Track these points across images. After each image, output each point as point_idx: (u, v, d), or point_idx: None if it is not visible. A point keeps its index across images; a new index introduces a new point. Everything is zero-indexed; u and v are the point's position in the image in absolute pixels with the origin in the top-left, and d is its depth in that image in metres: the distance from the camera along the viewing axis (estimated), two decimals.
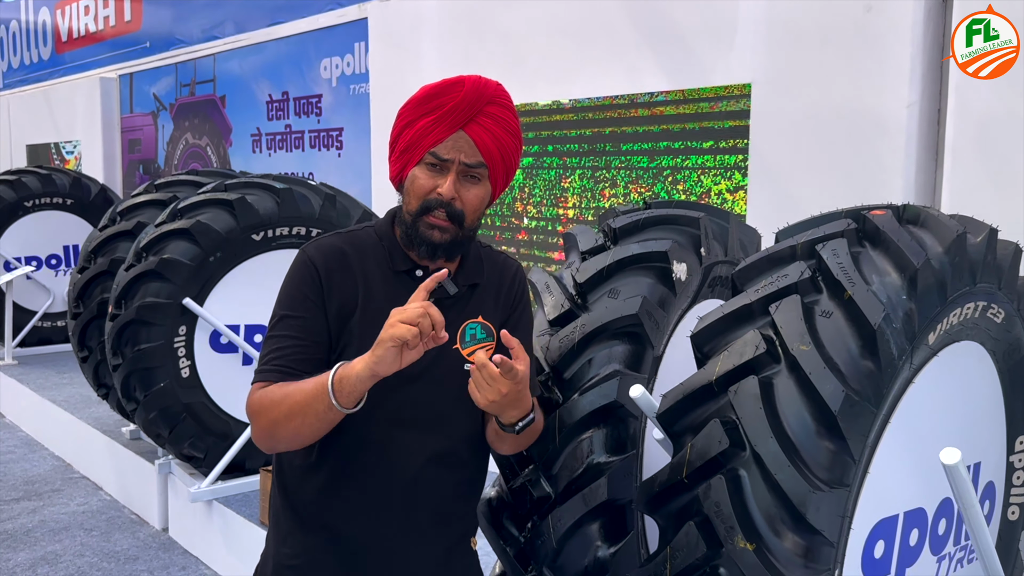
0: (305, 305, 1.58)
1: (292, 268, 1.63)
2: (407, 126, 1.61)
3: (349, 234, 1.68)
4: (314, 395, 1.48)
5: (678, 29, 3.17)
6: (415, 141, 1.58)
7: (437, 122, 1.57)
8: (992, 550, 1.61)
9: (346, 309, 1.58)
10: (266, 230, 3.86)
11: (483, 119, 1.60)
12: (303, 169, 5.95)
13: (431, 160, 1.58)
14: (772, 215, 2.76)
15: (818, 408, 1.48)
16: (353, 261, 1.61)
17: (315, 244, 1.64)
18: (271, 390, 1.54)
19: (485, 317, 1.64)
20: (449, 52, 4.30)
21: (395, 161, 1.64)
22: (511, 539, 1.87)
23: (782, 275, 1.64)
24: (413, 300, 1.45)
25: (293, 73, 5.95)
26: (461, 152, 1.58)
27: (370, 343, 1.54)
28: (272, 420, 1.53)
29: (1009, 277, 1.88)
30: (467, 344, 1.60)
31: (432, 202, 1.58)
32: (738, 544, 1.46)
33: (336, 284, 1.58)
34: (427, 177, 1.58)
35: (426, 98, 1.60)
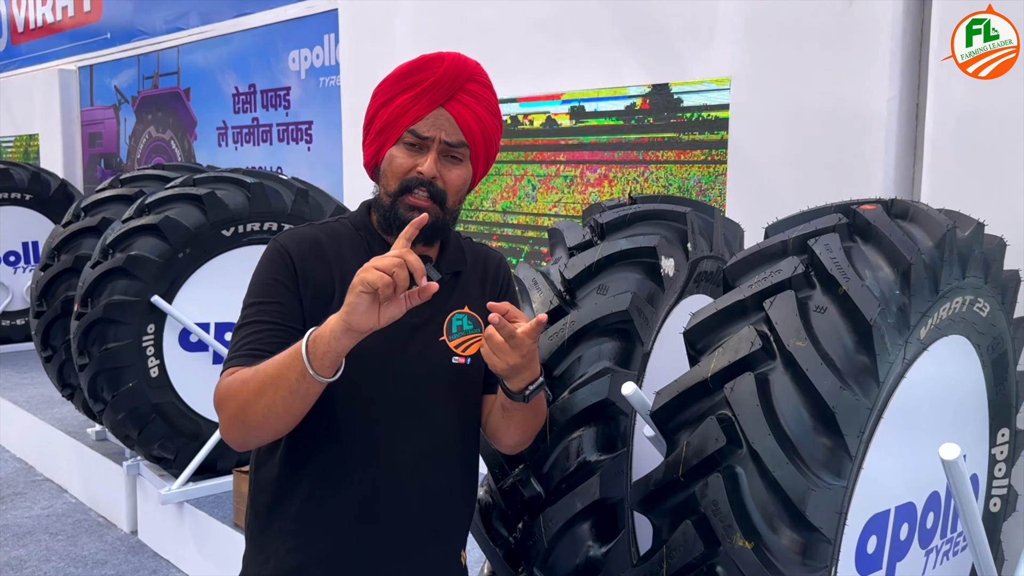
0: (279, 291, 1.50)
1: (263, 257, 1.56)
2: (383, 104, 1.54)
3: (323, 224, 1.62)
4: (287, 363, 1.35)
5: (657, 24, 3.15)
6: (392, 119, 1.52)
7: (416, 98, 1.51)
8: (986, 544, 1.62)
9: (322, 296, 1.51)
10: (236, 225, 3.78)
11: (463, 96, 1.54)
12: (271, 163, 5.86)
13: (410, 139, 1.52)
14: (752, 210, 2.76)
15: (815, 404, 1.46)
16: (328, 249, 1.55)
17: (287, 234, 1.57)
18: (240, 372, 1.43)
19: (471, 308, 1.61)
20: (423, 45, 4.25)
21: (370, 143, 1.57)
22: (501, 540, 1.85)
23: (775, 270, 1.63)
24: (393, 249, 1.32)
25: (260, 65, 5.85)
26: (442, 130, 1.52)
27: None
28: (241, 403, 1.39)
29: (994, 271, 1.89)
30: (454, 336, 1.57)
31: (412, 181, 1.51)
32: (736, 543, 1.44)
33: (311, 271, 1.52)
34: (406, 156, 1.52)
35: (404, 74, 1.54)
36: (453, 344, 1.58)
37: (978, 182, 2.37)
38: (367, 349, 1.47)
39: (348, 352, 1.37)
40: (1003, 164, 2.31)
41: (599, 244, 1.94)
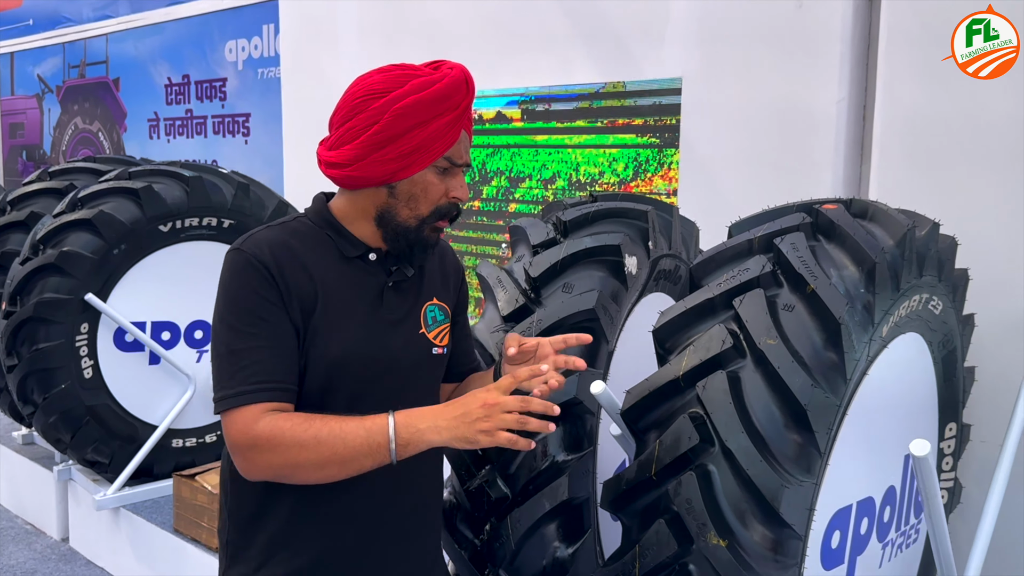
0: (266, 309, 1.42)
1: (234, 271, 1.45)
2: (417, 127, 1.45)
3: (281, 226, 1.54)
4: (364, 449, 1.36)
5: (609, 22, 3.15)
6: (428, 144, 1.46)
7: (453, 123, 1.48)
8: (947, 538, 1.66)
9: (306, 305, 1.46)
10: (174, 221, 3.65)
11: (468, 114, 1.54)
12: (206, 156, 5.69)
13: (445, 164, 1.50)
14: (704, 208, 2.78)
15: (787, 402, 1.48)
16: (299, 252, 1.49)
17: (252, 241, 1.47)
18: (289, 427, 1.37)
19: (438, 299, 1.64)
20: (367, 38, 4.18)
21: (388, 162, 1.47)
22: (466, 542, 1.82)
23: (743, 269, 1.64)
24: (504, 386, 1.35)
25: (195, 55, 5.67)
26: (468, 154, 1.54)
27: (336, 338, 1.48)
28: (293, 463, 1.37)
29: (947, 270, 1.94)
30: (431, 327, 1.61)
31: (450, 208, 1.53)
32: (710, 541, 1.44)
33: (291, 280, 1.45)
34: (440, 182, 1.50)
35: (441, 97, 1.46)
36: (431, 335, 1.61)
37: (924, 182, 2.43)
38: (357, 352, 1.49)
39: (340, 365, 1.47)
40: (948, 165, 2.38)
41: (563, 242, 1.92)
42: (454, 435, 1.32)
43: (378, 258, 1.55)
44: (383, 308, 1.54)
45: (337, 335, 1.47)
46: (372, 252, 1.54)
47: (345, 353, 1.48)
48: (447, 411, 1.34)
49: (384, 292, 1.54)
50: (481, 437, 1.31)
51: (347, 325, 1.49)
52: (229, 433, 1.41)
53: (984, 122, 2.30)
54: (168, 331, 3.80)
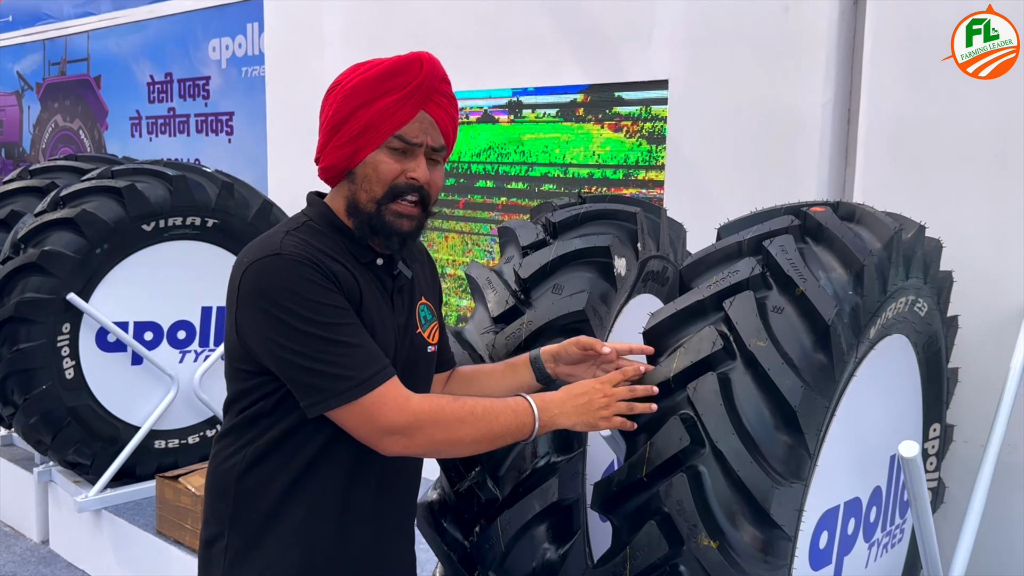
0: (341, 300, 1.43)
1: (287, 274, 1.40)
2: (362, 106, 1.47)
3: (298, 231, 1.50)
4: (513, 430, 1.49)
5: (596, 24, 3.16)
6: (375, 123, 1.46)
7: (402, 102, 1.47)
8: (934, 538, 1.67)
9: (354, 303, 1.48)
10: (158, 220, 3.62)
11: (439, 98, 1.52)
12: (188, 155, 5.65)
13: (397, 144, 1.48)
14: (690, 209, 2.79)
15: (777, 403, 1.48)
16: (325, 255, 1.47)
17: (289, 245, 1.43)
18: (446, 403, 1.46)
19: (426, 298, 1.67)
20: (354, 37, 4.16)
21: (340, 146, 1.49)
22: (455, 544, 1.81)
23: (733, 271, 1.65)
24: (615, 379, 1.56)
25: (178, 53, 5.63)
26: (428, 135, 1.50)
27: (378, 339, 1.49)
28: (455, 438, 1.46)
29: (932, 272, 1.96)
30: (425, 327, 1.67)
31: (404, 187, 1.48)
32: (701, 542, 1.45)
33: (340, 278, 1.46)
34: (392, 161, 1.48)
35: (386, 75, 1.47)
36: (426, 334, 1.65)
37: (908, 185, 2.45)
38: (387, 351, 1.52)
39: None
40: (932, 167, 2.40)
41: (553, 243, 1.93)
42: (580, 419, 1.51)
43: (385, 263, 1.56)
44: (395, 311, 1.57)
45: (375, 334, 1.49)
46: (379, 257, 1.55)
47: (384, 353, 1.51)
48: (573, 399, 1.52)
49: (393, 295, 1.57)
50: (601, 422, 1.52)
51: (378, 328, 1.51)
52: (380, 416, 1.41)
53: (968, 125, 2.32)
54: (151, 331, 3.77)
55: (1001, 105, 2.26)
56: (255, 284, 1.42)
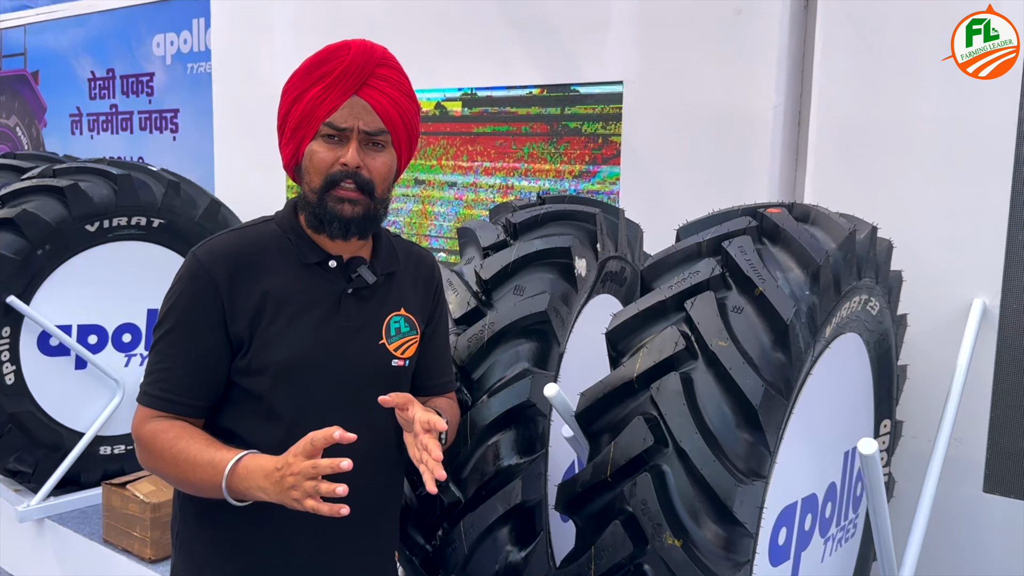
0: (197, 321, 1.44)
1: (185, 274, 1.47)
2: (295, 100, 1.49)
3: (243, 231, 1.54)
4: (208, 487, 1.40)
5: (551, 24, 3.17)
6: (307, 114, 1.47)
7: (328, 89, 1.46)
8: (889, 533, 1.71)
9: (255, 316, 1.45)
10: (102, 220, 3.52)
11: (376, 82, 1.50)
12: (132, 153, 5.52)
13: (328, 131, 1.47)
14: (645, 210, 2.81)
15: (738, 402, 1.50)
16: (254, 260, 1.48)
17: (208, 248, 1.48)
18: (161, 436, 1.44)
19: (407, 309, 1.61)
20: (303, 32, 4.10)
21: (287, 143, 1.52)
22: (417, 548, 1.80)
23: (693, 272, 1.66)
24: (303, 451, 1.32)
25: (120, 49, 5.49)
26: (359, 119, 1.48)
27: (285, 344, 1.46)
28: (161, 472, 1.48)
29: (883, 271, 2.01)
30: (393, 339, 1.59)
31: (337, 174, 1.47)
32: (666, 541, 1.46)
33: (238, 293, 1.45)
34: (327, 150, 1.47)
35: (312, 67, 1.49)
36: (393, 347, 1.59)
37: (858, 186, 2.51)
38: (308, 356, 1.47)
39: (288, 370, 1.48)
40: (881, 169, 2.46)
41: (513, 244, 1.92)
42: (279, 499, 1.34)
43: (338, 265, 1.53)
44: (340, 316, 1.53)
45: (286, 341, 1.46)
46: (332, 259, 1.53)
47: (293, 358, 1.48)
48: (273, 474, 1.33)
49: (342, 299, 1.53)
50: (296, 504, 1.32)
51: (298, 331, 1.48)
52: (132, 421, 1.50)
53: (916, 127, 2.38)
54: (95, 334, 3.67)
55: (947, 108, 2.32)
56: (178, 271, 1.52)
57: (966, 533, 2.35)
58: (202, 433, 1.46)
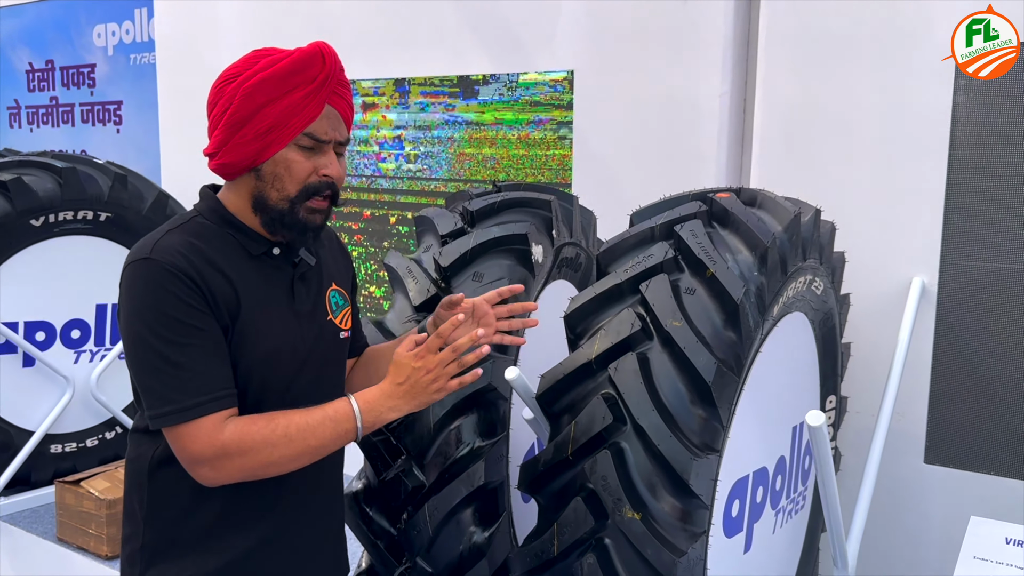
0: (198, 317, 1.40)
1: (152, 281, 1.40)
2: (268, 104, 1.45)
3: (181, 228, 1.50)
4: (332, 436, 1.45)
5: (501, 14, 3.19)
6: (283, 121, 1.45)
7: (308, 98, 1.46)
8: (837, 502, 1.79)
9: (230, 308, 1.46)
10: (47, 215, 3.46)
11: (340, 89, 1.53)
12: (74, 146, 5.40)
13: (306, 142, 1.47)
14: (597, 197, 2.86)
15: (692, 379, 1.56)
16: (211, 255, 1.47)
17: (160, 249, 1.43)
18: (256, 429, 1.40)
19: (337, 283, 1.67)
20: (251, 23, 4.06)
21: (247, 144, 1.47)
22: (382, 532, 1.83)
23: (647, 255, 1.71)
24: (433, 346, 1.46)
25: (59, 40, 5.36)
26: (336, 131, 1.51)
27: (264, 336, 1.48)
28: (268, 461, 1.41)
29: (827, 253, 2.09)
30: (336, 312, 1.67)
31: (320, 186, 1.49)
32: (626, 515, 1.51)
33: (213, 285, 1.44)
34: (304, 159, 1.48)
35: (291, 71, 1.46)
36: (337, 320, 1.65)
37: (801, 170, 2.59)
38: (280, 346, 1.51)
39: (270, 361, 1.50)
40: (822, 153, 2.54)
41: (471, 232, 1.96)
42: (413, 406, 1.47)
43: (281, 252, 1.55)
44: (296, 301, 1.55)
45: (264, 333, 1.48)
46: (275, 247, 1.54)
47: (272, 350, 1.50)
48: (396, 389, 1.46)
49: (294, 285, 1.55)
50: (438, 396, 1.47)
51: (271, 323, 1.50)
52: (189, 446, 1.40)
53: (855, 114, 2.47)
54: (43, 331, 3.60)
55: (886, 95, 2.41)
56: (124, 287, 1.45)
57: (908, 502, 2.46)
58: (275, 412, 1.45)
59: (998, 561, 1.78)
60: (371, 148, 3.64)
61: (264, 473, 1.43)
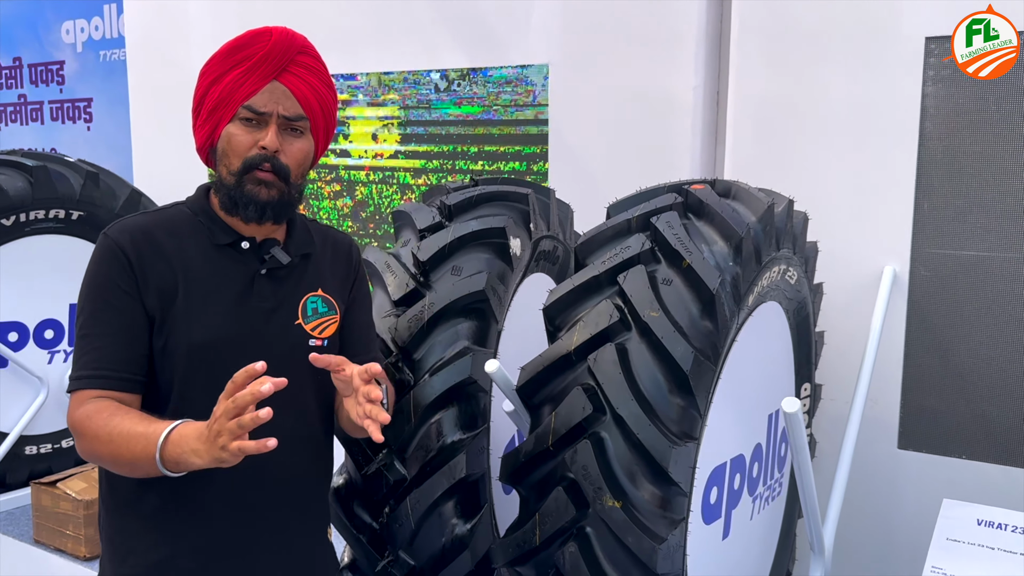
0: (118, 296, 1.46)
1: (97, 255, 1.50)
2: (213, 83, 1.51)
3: (156, 213, 1.57)
4: (142, 459, 1.34)
5: (476, 8, 3.19)
6: (225, 97, 1.49)
7: (248, 73, 1.49)
8: (814, 487, 1.82)
9: (166, 294, 1.48)
10: (18, 214, 3.42)
11: (296, 69, 1.54)
12: (44, 144, 5.34)
13: (246, 115, 1.50)
14: (574, 190, 2.88)
15: (670, 369, 1.58)
16: (164, 240, 1.51)
17: (118, 226, 1.51)
18: (96, 416, 1.40)
19: (325, 290, 1.64)
20: (220, 16, 4.03)
21: (202, 125, 1.53)
22: (364, 526, 1.84)
23: (624, 247, 1.73)
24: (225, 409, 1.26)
25: (27, 37, 5.29)
26: (279, 104, 1.51)
27: (198, 324, 1.48)
28: (97, 455, 1.44)
29: (800, 243, 2.11)
30: (310, 319, 1.61)
31: (256, 158, 1.50)
32: (606, 503, 1.53)
33: (150, 268, 1.47)
34: (245, 133, 1.50)
35: (233, 50, 1.51)
36: (309, 327, 1.61)
37: (774, 162, 2.62)
38: (219, 337, 1.49)
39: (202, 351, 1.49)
40: (794, 145, 2.58)
41: (449, 226, 1.96)
42: (211, 457, 1.28)
43: (251, 246, 1.56)
44: (254, 296, 1.55)
45: (199, 321, 1.48)
46: (245, 240, 1.55)
47: (206, 339, 1.49)
48: (202, 435, 1.29)
49: (255, 280, 1.55)
50: (226, 455, 1.26)
51: (211, 312, 1.50)
52: (68, 413, 1.47)
53: (826, 105, 2.51)
54: (15, 332, 3.56)
55: (857, 86, 2.45)
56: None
57: (884, 487, 2.50)
58: (136, 411, 1.43)
59: (970, 542, 1.82)
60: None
61: (101, 463, 1.45)
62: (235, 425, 1.23)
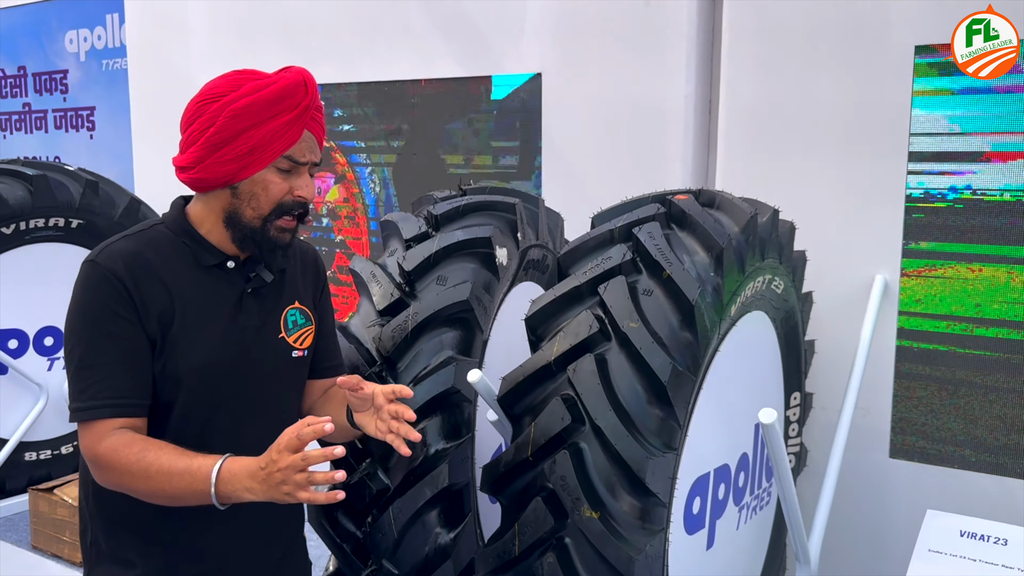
0: (118, 324, 1.46)
1: (88, 284, 1.48)
2: (251, 128, 1.50)
3: (138, 235, 1.56)
4: (189, 494, 1.39)
5: (469, 17, 3.21)
6: (264, 144, 1.50)
7: (290, 125, 1.52)
8: (795, 497, 1.82)
9: (164, 318, 1.49)
10: (18, 222, 3.45)
11: (316, 115, 1.58)
12: (47, 152, 5.38)
13: (285, 165, 1.53)
14: (566, 199, 2.89)
15: (648, 380, 1.58)
16: (156, 264, 1.52)
17: (106, 253, 1.50)
18: (125, 451, 1.42)
19: (300, 302, 1.69)
20: (221, 28, 4.06)
21: (227, 163, 1.51)
22: (347, 535, 1.84)
23: (606, 257, 1.74)
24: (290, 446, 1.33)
25: (31, 46, 5.34)
26: (313, 153, 1.57)
27: (197, 348, 1.51)
28: (128, 487, 1.44)
29: (787, 252, 2.12)
30: (291, 331, 1.67)
31: (293, 205, 1.55)
32: (584, 513, 1.54)
33: (147, 293, 1.48)
34: (280, 180, 1.54)
35: (275, 99, 1.51)
36: (291, 339, 1.66)
37: (765, 171, 2.62)
38: (216, 359, 1.54)
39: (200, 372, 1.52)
40: (786, 154, 2.58)
41: (435, 235, 1.97)
42: (266, 497, 1.36)
43: (236, 265, 1.59)
44: (242, 315, 1.58)
45: (197, 345, 1.50)
46: (230, 260, 1.57)
47: (206, 362, 1.52)
48: (259, 472, 1.35)
49: (243, 299, 1.58)
50: (288, 499, 1.35)
51: (207, 334, 1.53)
52: (82, 444, 1.47)
53: (817, 114, 2.51)
54: (16, 339, 3.59)
55: (847, 95, 2.45)
56: (74, 286, 1.51)
57: (875, 497, 2.50)
58: (165, 443, 1.46)
59: (952, 554, 1.81)
60: None
61: (134, 495, 1.45)
62: (304, 479, 1.32)
